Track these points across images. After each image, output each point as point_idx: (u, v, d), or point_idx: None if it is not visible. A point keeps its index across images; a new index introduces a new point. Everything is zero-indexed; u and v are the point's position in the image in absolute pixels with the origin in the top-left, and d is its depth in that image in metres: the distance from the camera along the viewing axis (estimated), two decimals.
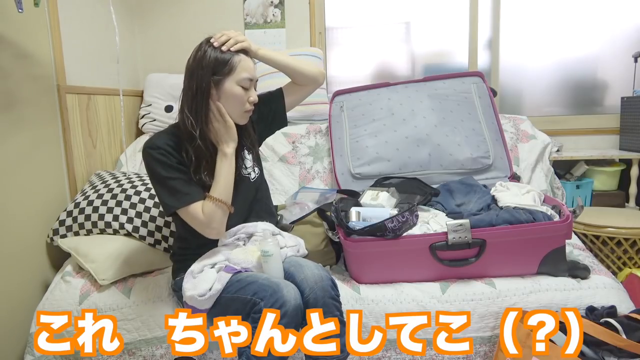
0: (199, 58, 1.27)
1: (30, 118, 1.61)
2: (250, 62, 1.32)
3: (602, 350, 1.16)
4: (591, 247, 2.01)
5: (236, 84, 1.28)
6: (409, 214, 1.41)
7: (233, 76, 1.27)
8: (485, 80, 2.08)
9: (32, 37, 1.64)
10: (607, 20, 2.58)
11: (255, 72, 1.33)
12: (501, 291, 1.37)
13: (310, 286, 1.20)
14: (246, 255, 1.29)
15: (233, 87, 1.28)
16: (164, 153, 1.26)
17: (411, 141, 1.91)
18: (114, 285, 1.49)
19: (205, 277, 1.24)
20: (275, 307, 1.12)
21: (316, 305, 1.18)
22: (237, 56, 1.28)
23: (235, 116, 1.31)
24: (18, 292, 1.52)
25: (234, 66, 1.27)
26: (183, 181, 1.26)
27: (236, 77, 1.28)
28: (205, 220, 1.25)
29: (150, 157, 1.26)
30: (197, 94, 1.26)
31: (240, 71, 1.28)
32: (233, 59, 1.27)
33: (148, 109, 2.30)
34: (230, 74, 1.27)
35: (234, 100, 1.29)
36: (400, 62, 2.73)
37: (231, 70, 1.27)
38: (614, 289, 1.37)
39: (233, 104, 1.29)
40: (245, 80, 1.29)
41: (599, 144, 2.57)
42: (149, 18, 2.57)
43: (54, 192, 1.74)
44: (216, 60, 1.26)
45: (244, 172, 1.42)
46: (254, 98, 1.32)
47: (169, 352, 1.41)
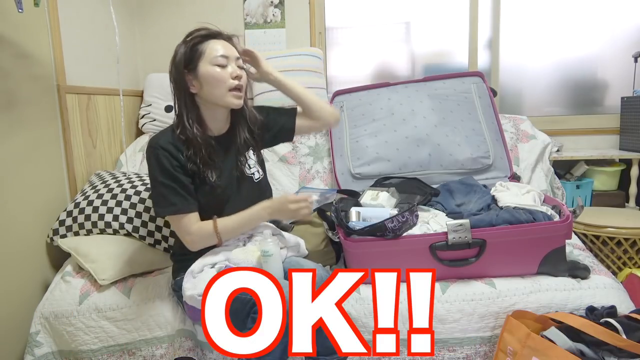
0: (172, 59, 1.29)
1: (30, 118, 1.60)
2: (220, 42, 1.28)
3: (602, 350, 1.16)
4: (591, 247, 2.01)
5: (210, 64, 1.26)
6: (409, 214, 1.41)
7: (204, 59, 1.26)
8: (485, 80, 2.08)
9: (32, 37, 1.64)
10: (607, 20, 2.57)
11: (232, 50, 1.29)
12: (501, 291, 1.37)
13: None
14: (246, 255, 1.29)
15: (208, 68, 1.26)
16: (167, 155, 1.25)
17: (411, 141, 1.91)
18: (114, 285, 1.49)
19: (205, 276, 1.24)
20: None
21: None
22: (204, 42, 1.27)
23: (222, 97, 1.28)
24: (18, 292, 1.52)
25: (202, 50, 1.26)
26: (172, 190, 1.26)
27: (208, 58, 1.26)
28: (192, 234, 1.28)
29: (151, 156, 1.27)
30: (180, 93, 1.29)
31: (210, 52, 1.26)
32: (200, 45, 1.26)
33: (148, 109, 2.30)
34: (200, 59, 1.26)
35: (214, 81, 1.26)
36: (400, 62, 2.73)
37: (201, 55, 1.26)
38: (614, 289, 1.37)
39: (215, 85, 1.27)
40: (219, 58, 1.26)
41: (599, 144, 2.57)
42: (149, 18, 2.57)
43: (54, 192, 1.74)
44: (185, 53, 1.27)
45: (248, 171, 1.41)
46: (236, 72, 1.28)
47: (169, 352, 1.41)
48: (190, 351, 1.41)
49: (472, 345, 1.37)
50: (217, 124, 1.36)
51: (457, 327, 1.36)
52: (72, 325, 1.42)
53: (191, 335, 1.42)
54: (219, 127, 1.37)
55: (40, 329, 1.44)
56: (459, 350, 1.37)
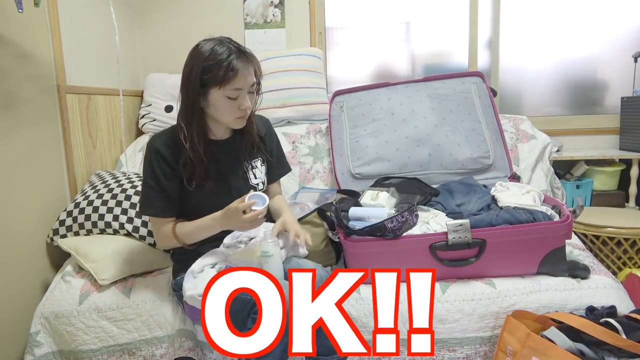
0: (188, 69, 1.26)
1: (30, 118, 1.60)
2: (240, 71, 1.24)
3: (602, 350, 1.16)
4: (591, 247, 2.01)
5: (222, 95, 1.26)
6: (409, 214, 1.41)
7: (217, 87, 1.24)
8: (485, 80, 2.07)
9: (32, 37, 1.64)
10: (607, 20, 2.57)
11: (246, 80, 1.26)
12: (501, 291, 1.37)
13: None
14: (246, 256, 1.29)
15: (219, 97, 1.26)
16: (158, 159, 1.30)
17: (411, 141, 1.91)
18: (114, 285, 1.49)
19: (205, 277, 1.24)
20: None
21: None
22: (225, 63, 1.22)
23: (226, 121, 1.33)
24: (18, 292, 1.52)
25: (220, 77, 1.23)
26: (157, 193, 1.32)
27: (223, 89, 1.25)
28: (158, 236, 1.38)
29: (146, 156, 1.33)
30: (188, 105, 1.28)
31: (227, 84, 1.24)
32: (221, 67, 1.22)
33: (148, 109, 2.30)
34: (213, 86, 1.24)
35: (222, 109, 1.29)
36: (400, 62, 2.73)
37: (215, 82, 1.24)
38: (614, 289, 1.37)
39: (223, 113, 1.30)
40: (233, 91, 1.26)
41: (599, 144, 2.57)
42: (149, 18, 2.57)
43: (54, 192, 1.74)
44: (200, 73, 1.23)
45: (253, 181, 1.43)
46: (245, 105, 1.29)
47: (169, 352, 1.41)
48: (190, 351, 1.41)
49: (472, 345, 1.37)
50: (220, 131, 1.40)
51: (457, 327, 1.36)
52: (72, 325, 1.42)
53: (191, 335, 1.42)
54: (221, 133, 1.40)
55: (40, 329, 1.44)
56: (459, 350, 1.37)
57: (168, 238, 1.35)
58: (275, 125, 2.19)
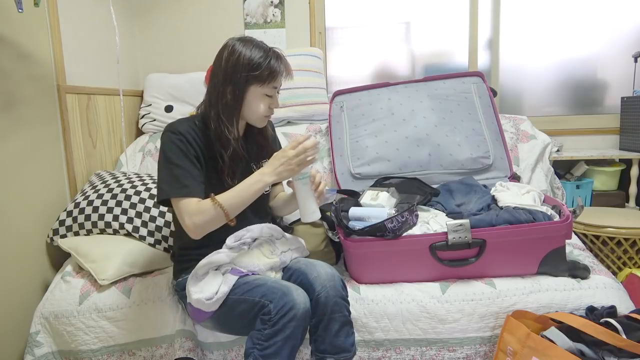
0: (233, 61, 1.26)
1: (30, 118, 1.61)
2: (280, 72, 1.30)
3: (602, 350, 1.16)
4: (591, 247, 2.01)
5: (262, 93, 1.30)
6: (409, 214, 1.41)
7: (262, 86, 1.29)
8: (485, 80, 2.07)
9: (32, 37, 1.64)
10: (607, 20, 2.57)
11: (281, 80, 1.33)
12: (501, 291, 1.37)
13: (322, 284, 1.22)
14: (251, 259, 1.29)
15: (258, 95, 1.30)
16: (184, 140, 1.25)
17: (411, 141, 1.91)
18: (114, 285, 1.49)
19: (211, 280, 1.24)
20: (285, 310, 1.12)
21: (327, 303, 1.20)
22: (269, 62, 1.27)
23: (254, 119, 1.34)
24: (18, 292, 1.52)
25: (264, 76, 1.27)
26: (188, 173, 1.23)
27: (263, 87, 1.29)
28: (196, 215, 1.20)
29: (168, 140, 1.25)
30: (233, 99, 1.28)
31: (269, 83, 1.29)
32: (265, 66, 1.27)
33: (148, 109, 2.30)
34: (258, 83, 1.28)
35: (256, 107, 1.31)
36: (400, 62, 2.73)
37: (261, 79, 1.28)
38: (614, 289, 1.37)
39: (255, 110, 1.32)
40: (272, 89, 1.31)
41: (599, 144, 2.57)
42: (149, 18, 2.57)
43: (54, 192, 1.74)
44: (251, 67, 1.26)
45: None
46: (276, 104, 1.34)
47: (169, 352, 1.41)
48: (190, 351, 1.41)
49: (472, 345, 1.37)
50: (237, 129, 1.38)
51: (457, 327, 1.36)
52: (72, 325, 1.42)
53: (191, 336, 1.41)
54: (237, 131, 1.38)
55: (40, 329, 1.44)
56: (459, 350, 1.37)
57: (208, 212, 1.21)
58: (276, 125, 2.18)
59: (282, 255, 1.35)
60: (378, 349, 1.37)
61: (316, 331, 1.23)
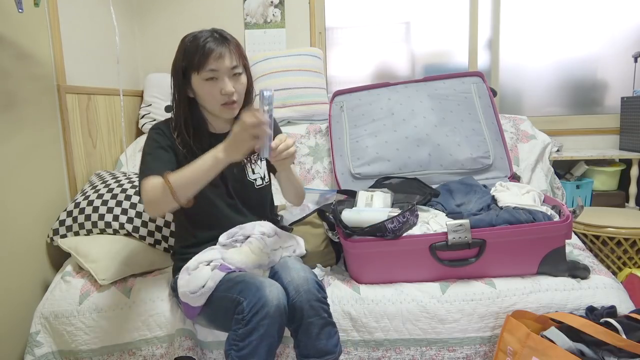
0: (173, 61, 1.31)
1: (30, 118, 1.60)
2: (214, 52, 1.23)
3: (602, 350, 1.16)
4: (591, 247, 2.01)
5: (200, 79, 1.26)
6: (409, 214, 1.41)
7: (195, 71, 1.26)
8: (485, 80, 2.07)
9: (32, 37, 1.64)
10: (607, 20, 2.58)
11: (225, 61, 1.24)
12: (501, 291, 1.37)
13: (296, 289, 1.19)
14: (241, 256, 1.29)
15: (198, 82, 1.27)
16: (160, 133, 1.32)
17: (411, 141, 1.91)
18: (114, 285, 1.49)
19: (199, 274, 1.24)
20: (257, 307, 1.10)
21: (302, 307, 1.17)
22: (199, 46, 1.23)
23: (215, 110, 1.31)
24: (18, 292, 1.52)
25: (193, 62, 1.24)
26: (156, 158, 1.28)
27: (200, 73, 1.25)
28: (146, 190, 1.18)
29: (148, 136, 1.34)
30: (175, 95, 1.33)
31: (200, 64, 1.23)
32: (197, 51, 1.23)
33: (148, 109, 2.31)
34: (192, 70, 1.26)
35: (204, 95, 1.28)
36: (400, 62, 2.73)
37: (192, 66, 1.25)
38: (614, 289, 1.37)
39: (207, 100, 1.29)
40: (209, 72, 1.24)
41: (599, 144, 2.57)
42: (149, 18, 2.57)
43: (54, 192, 1.74)
44: (181, 60, 1.27)
45: (251, 176, 1.42)
46: (226, 89, 1.25)
47: (169, 352, 1.41)
48: (190, 350, 1.41)
49: (472, 345, 1.37)
50: (219, 124, 1.38)
51: (457, 327, 1.36)
52: (72, 325, 1.42)
53: (191, 335, 1.41)
54: (221, 127, 1.39)
55: (40, 329, 1.44)
56: (459, 350, 1.37)
57: (156, 189, 1.16)
58: None
59: (271, 254, 1.33)
60: (378, 349, 1.37)
61: (297, 336, 1.20)
